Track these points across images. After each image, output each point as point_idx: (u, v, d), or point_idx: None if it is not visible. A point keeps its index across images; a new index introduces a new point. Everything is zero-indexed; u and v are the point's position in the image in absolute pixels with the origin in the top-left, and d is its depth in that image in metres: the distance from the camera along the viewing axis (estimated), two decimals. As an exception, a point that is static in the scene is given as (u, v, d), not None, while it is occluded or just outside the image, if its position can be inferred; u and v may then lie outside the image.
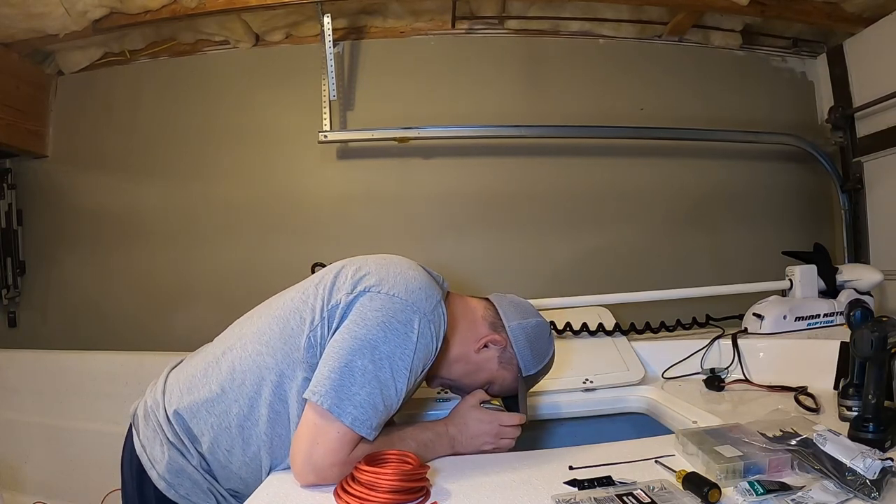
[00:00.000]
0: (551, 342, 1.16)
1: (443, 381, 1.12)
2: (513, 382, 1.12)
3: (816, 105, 2.47)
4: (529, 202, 2.34)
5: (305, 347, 0.96)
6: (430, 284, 1.01)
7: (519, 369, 1.10)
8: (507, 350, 1.10)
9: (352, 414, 0.88)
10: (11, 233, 2.33)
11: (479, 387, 1.11)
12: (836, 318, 1.65)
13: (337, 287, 0.99)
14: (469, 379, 1.10)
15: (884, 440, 0.91)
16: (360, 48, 2.34)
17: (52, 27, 1.99)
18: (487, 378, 1.10)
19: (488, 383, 1.11)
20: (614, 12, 2.30)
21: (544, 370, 1.15)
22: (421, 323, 0.94)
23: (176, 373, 1.08)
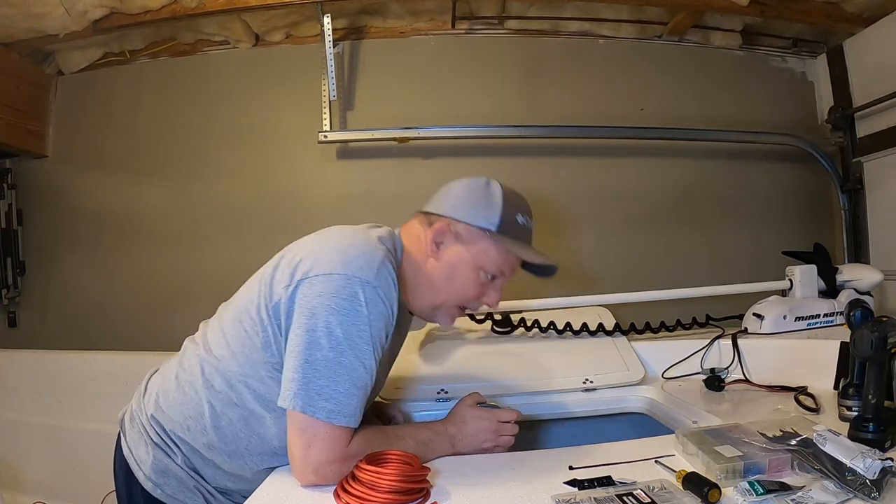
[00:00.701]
0: (491, 187, 1.07)
1: (449, 311, 1.07)
2: (499, 252, 1.03)
3: (816, 105, 2.47)
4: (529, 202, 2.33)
5: (262, 348, 0.96)
6: (369, 246, 0.96)
7: (483, 230, 1.02)
8: (453, 227, 1.03)
9: (325, 408, 0.87)
10: (11, 233, 2.33)
11: (478, 284, 1.04)
12: (836, 318, 1.65)
13: (276, 281, 0.96)
14: (460, 284, 1.04)
15: (884, 440, 0.91)
16: (360, 48, 2.34)
17: (52, 27, 1.99)
18: (471, 268, 1.03)
19: (481, 271, 1.03)
20: (614, 12, 2.30)
21: (511, 211, 1.05)
22: (366, 292, 0.90)
23: (154, 377, 1.11)
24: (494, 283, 1.06)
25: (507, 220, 1.04)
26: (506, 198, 1.05)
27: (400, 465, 0.87)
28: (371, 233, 1.02)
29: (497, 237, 1.02)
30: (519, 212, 1.05)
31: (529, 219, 1.07)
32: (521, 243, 1.05)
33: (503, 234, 1.03)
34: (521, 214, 1.06)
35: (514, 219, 1.05)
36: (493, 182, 1.08)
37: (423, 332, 1.63)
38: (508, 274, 1.07)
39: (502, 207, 1.04)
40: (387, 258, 0.95)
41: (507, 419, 1.08)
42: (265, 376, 0.96)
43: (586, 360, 1.54)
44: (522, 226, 1.06)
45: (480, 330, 1.65)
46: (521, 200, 1.08)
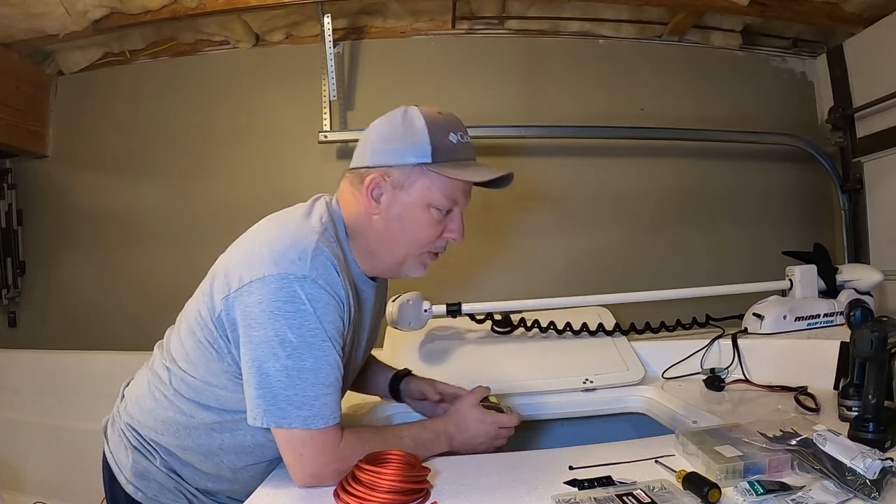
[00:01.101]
0: (409, 115, 0.98)
1: (416, 261, 1.00)
2: (442, 183, 0.94)
3: (816, 105, 2.47)
4: (529, 202, 2.34)
5: (218, 359, 0.93)
6: (297, 236, 0.89)
7: (418, 166, 0.94)
8: (387, 176, 0.95)
9: (300, 416, 0.84)
10: (11, 233, 2.33)
11: (434, 223, 0.96)
12: (836, 318, 1.65)
13: (216, 291, 0.92)
14: (415, 231, 0.96)
15: (884, 440, 0.91)
16: (360, 48, 2.34)
17: (52, 27, 1.99)
18: (420, 210, 0.95)
19: (432, 209, 0.95)
20: (614, 12, 2.30)
21: (440, 134, 0.94)
22: (306, 288, 0.84)
23: (131, 383, 1.11)
24: (452, 216, 0.99)
25: (439, 145, 0.94)
26: (429, 122, 0.95)
27: (400, 466, 0.87)
28: (299, 216, 0.95)
29: (434, 168, 0.93)
30: (450, 131, 0.95)
31: (464, 134, 0.97)
32: (462, 164, 0.95)
33: (440, 162, 0.93)
34: (452, 133, 0.95)
35: (447, 141, 0.94)
36: (410, 109, 0.98)
37: (423, 332, 1.63)
38: (463, 201, 0.99)
39: (429, 134, 0.94)
40: (321, 241, 0.88)
41: (508, 425, 1.07)
42: (227, 384, 0.94)
43: (586, 360, 1.54)
44: (458, 144, 0.95)
45: (480, 330, 1.65)
46: (448, 118, 0.98)
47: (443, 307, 1.59)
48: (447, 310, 1.59)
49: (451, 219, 0.99)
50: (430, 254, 1.01)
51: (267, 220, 0.98)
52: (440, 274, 2.28)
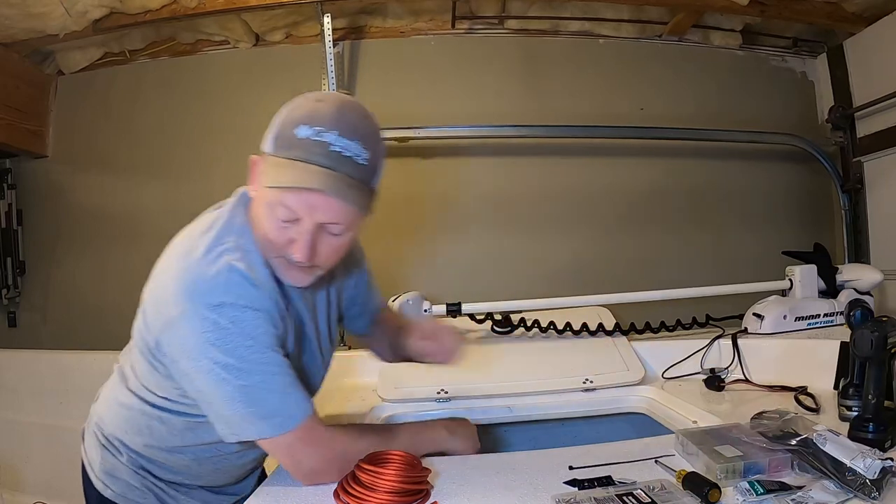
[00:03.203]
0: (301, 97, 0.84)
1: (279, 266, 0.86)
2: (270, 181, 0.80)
3: (817, 105, 2.47)
4: (529, 202, 2.34)
5: (165, 378, 0.89)
6: (205, 260, 0.82)
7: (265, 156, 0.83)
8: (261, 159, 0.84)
9: (273, 424, 0.83)
10: (11, 233, 2.33)
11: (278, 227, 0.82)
12: (836, 318, 1.65)
13: (149, 321, 0.87)
14: (264, 229, 0.84)
15: (884, 440, 0.91)
16: (360, 48, 2.33)
17: (52, 27, 1.99)
18: (263, 207, 0.83)
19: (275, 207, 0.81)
20: (614, 12, 2.30)
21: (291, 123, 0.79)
22: (224, 314, 0.79)
23: (105, 384, 1.11)
24: (298, 228, 0.81)
25: (281, 135, 0.79)
26: (293, 108, 0.81)
27: (400, 466, 0.87)
28: (204, 237, 0.86)
29: (269, 162, 0.80)
30: (304, 123, 0.77)
31: (324, 131, 0.76)
32: (291, 164, 0.77)
33: (276, 155, 0.80)
34: (306, 126, 0.77)
35: (291, 133, 0.78)
36: (311, 94, 0.84)
37: (423, 332, 1.63)
38: (304, 213, 0.79)
39: (280, 120, 0.81)
40: (227, 261, 0.81)
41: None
42: (179, 396, 0.92)
43: (586, 360, 1.54)
44: (305, 140, 0.76)
45: (480, 330, 1.65)
46: (316, 110, 0.78)
47: (443, 307, 1.59)
48: (447, 310, 1.59)
49: (298, 232, 0.81)
50: (289, 262, 0.84)
51: (177, 243, 0.89)
52: (440, 274, 2.30)
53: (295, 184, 0.76)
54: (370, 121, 0.84)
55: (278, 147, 0.79)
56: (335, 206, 0.79)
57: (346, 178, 0.78)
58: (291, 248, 0.81)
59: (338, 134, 0.77)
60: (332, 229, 0.83)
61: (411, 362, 1.23)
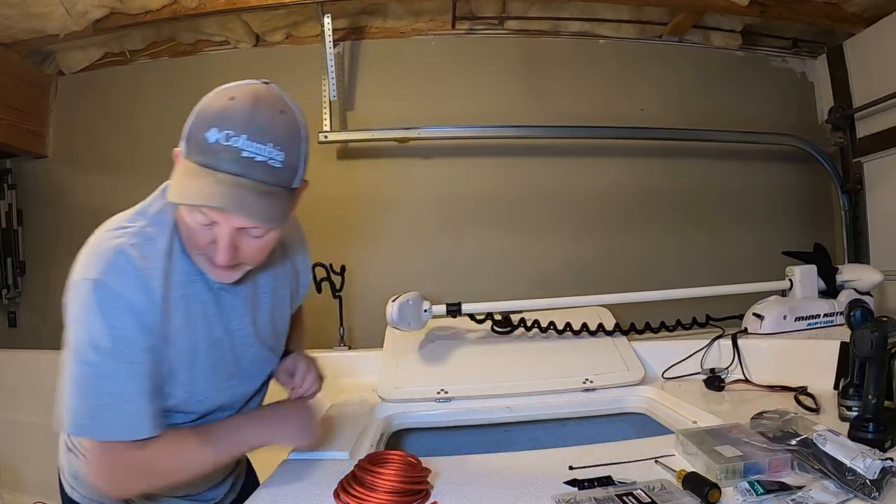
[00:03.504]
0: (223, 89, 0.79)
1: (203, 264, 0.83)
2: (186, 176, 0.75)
3: (816, 105, 2.47)
4: (529, 202, 2.34)
5: None
6: (106, 237, 0.82)
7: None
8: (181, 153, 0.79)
9: (81, 425, 0.78)
10: (11, 233, 2.33)
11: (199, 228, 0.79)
12: (836, 318, 1.65)
13: None
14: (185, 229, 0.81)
15: (884, 440, 0.91)
16: (360, 48, 2.34)
17: (53, 27, 1.99)
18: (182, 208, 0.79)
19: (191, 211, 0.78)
20: (614, 13, 2.30)
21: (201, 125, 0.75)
22: (97, 293, 0.77)
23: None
24: (218, 230, 0.78)
25: (192, 137, 0.75)
26: (205, 105, 0.76)
27: (400, 466, 0.87)
28: (127, 214, 0.86)
29: (182, 163, 0.77)
30: (214, 126, 0.73)
31: (234, 134, 0.72)
32: (200, 172, 0.73)
33: (188, 158, 0.76)
34: (217, 129, 0.72)
35: (201, 136, 0.74)
36: (227, 86, 0.78)
37: (423, 332, 1.63)
38: (218, 218, 0.77)
39: (192, 121, 0.76)
40: (126, 242, 0.80)
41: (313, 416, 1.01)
42: None
43: (586, 360, 1.54)
44: (214, 145, 0.72)
45: (480, 330, 1.65)
46: (228, 108, 0.74)
47: (443, 307, 1.59)
48: (447, 310, 1.59)
49: (218, 234, 0.78)
50: (213, 261, 0.81)
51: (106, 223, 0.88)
52: (440, 274, 2.30)
53: (200, 202, 0.73)
54: (287, 116, 0.77)
55: (190, 150, 0.76)
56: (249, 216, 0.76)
57: (260, 185, 0.74)
58: (213, 249, 0.79)
59: (247, 138, 0.73)
60: (253, 232, 0.80)
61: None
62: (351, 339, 2.03)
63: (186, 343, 0.85)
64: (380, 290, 1.72)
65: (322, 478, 0.93)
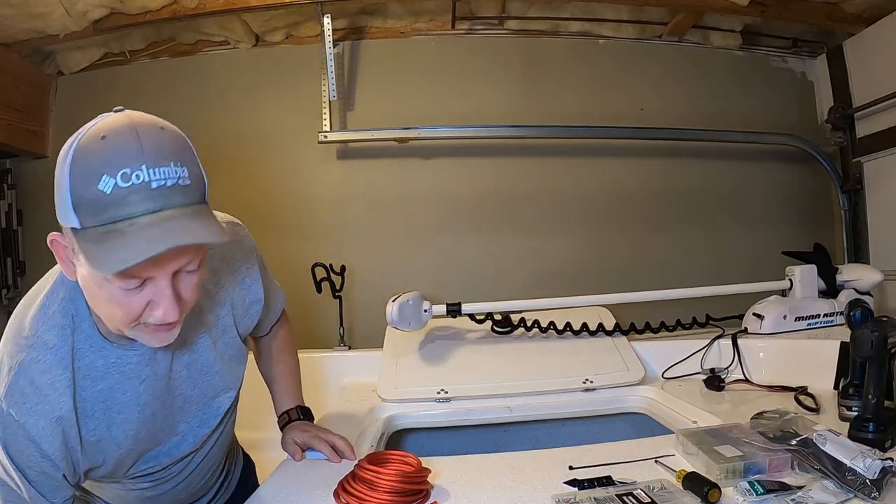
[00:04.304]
0: (70, 145, 0.68)
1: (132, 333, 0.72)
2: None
3: (816, 105, 2.47)
4: (529, 202, 2.34)
5: None
6: (5, 351, 0.75)
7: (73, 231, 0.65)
8: (64, 234, 0.68)
9: None
10: (11, 233, 2.33)
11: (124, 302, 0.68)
12: (836, 318, 1.65)
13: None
14: (105, 307, 0.70)
15: (884, 440, 0.91)
16: (360, 48, 2.34)
17: (53, 27, 1.99)
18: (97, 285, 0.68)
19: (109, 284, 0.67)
20: (614, 13, 2.30)
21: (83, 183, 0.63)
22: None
23: None
24: (153, 288, 0.69)
25: (80, 201, 0.63)
26: (78, 156, 0.64)
27: (400, 466, 0.87)
28: (26, 316, 0.76)
29: (84, 240, 0.64)
30: (104, 172, 0.62)
31: (131, 171, 0.62)
32: (112, 234, 0.62)
33: (87, 228, 0.63)
34: (107, 175, 0.62)
35: (94, 191, 0.62)
36: (74, 143, 0.68)
37: (423, 332, 1.63)
38: (153, 272, 0.67)
39: (70, 184, 0.63)
40: (27, 357, 0.73)
41: None
42: None
43: (586, 360, 1.54)
44: (112, 195, 0.62)
45: (480, 330, 1.65)
46: (109, 148, 0.64)
47: (443, 307, 1.59)
48: (447, 310, 1.59)
49: (154, 292, 0.68)
50: (151, 326, 0.71)
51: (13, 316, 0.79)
52: (440, 274, 2.30)
53: (142, 257, 0.61)
54: (167, 130, 0.71)
55: (86, 217, 0.63)
56: (186, 249, 0.67)
57: (184, 209, 0.66)
58: (153, 312, 0.69)
59: (148, 167, 0.63)
60: (189, 268, 0.71)
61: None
62: (351, 339, 2.03)
63: (113, 441, 0.81)
64: (380, 290, 1.72)
65: (322, 478, 0.93)
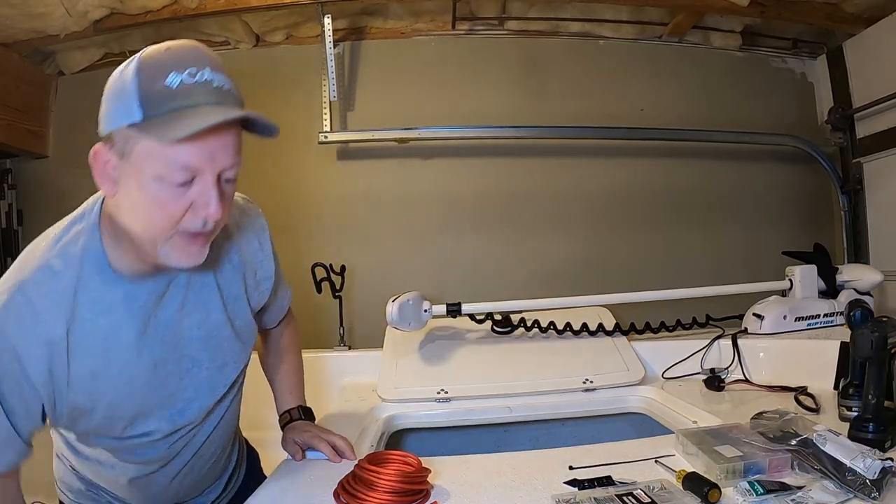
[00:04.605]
0: (129, 66, 0.72)
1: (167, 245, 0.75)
2: (161, 146, 0.69)
3: (816, 106, 2.47)
4: (529, 202, 2.34)
5: None
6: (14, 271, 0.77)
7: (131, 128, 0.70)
8: (110, 145, 0.72)
9: None
10: (11, 233, 2.33)
11: (173, 199, 0.72)
12: (836, 319, 1.65)
13: None
14: (150, 209, 0.73)
15: (884, 440, 0.91)
16: (360, 49, 2.34)
17: (53, 27, 1.99)
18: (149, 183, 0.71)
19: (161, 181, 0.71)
20: (614, 13, 2.30)
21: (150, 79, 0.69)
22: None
23: None
24: (202, 185, 0.73)
25: (149, 94, 0.69)
26: (143, 64, 0.70)
27: (400, 466, 0.87)
28: (41, 243, 0.79)
29: (147, 128, 0.69)
30: (170, 70, 0.69)
31: (198, 69, 0.70)
32: (183, 114, 0.68)
33: (153, 117, 0.69)
34: (175, 72, 0.69)
35: (161, 86, 0.69)
36: (136, 56, 0.73)
37: (423, 332, 1.63)
38: (205, 164, 0.72)
39: (137, 82, 0.69)
40: (28, 278, 0.75)
41: None
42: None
43: (586, 360, 1.54)
44: (181, 87, 0.69)
45: (480, 330, 1.65)
46: (176, 52, 0.72)
47: (443, 307, 1.59)
48: (447, 310, 1.59)
49: (200, 192, 0.73)
50: (187, 235, 0.75)
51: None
52: (440, 274, 2.30)
53: (200, 127, 0.66)
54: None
55: (151, 108, 0.68)
56: (231, 146, 0.75)
57: (236, 110, 0.73)
58: (196, 213, 0.73)
59: (210, 70, 0.71)
60: (228, 174, 0.76)
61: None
62: (351, 339, 2.03)
63: (110, 381, 0.80)
64: (380, 290, 1.72)
65: (322, 478, 0.93)
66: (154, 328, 0.83)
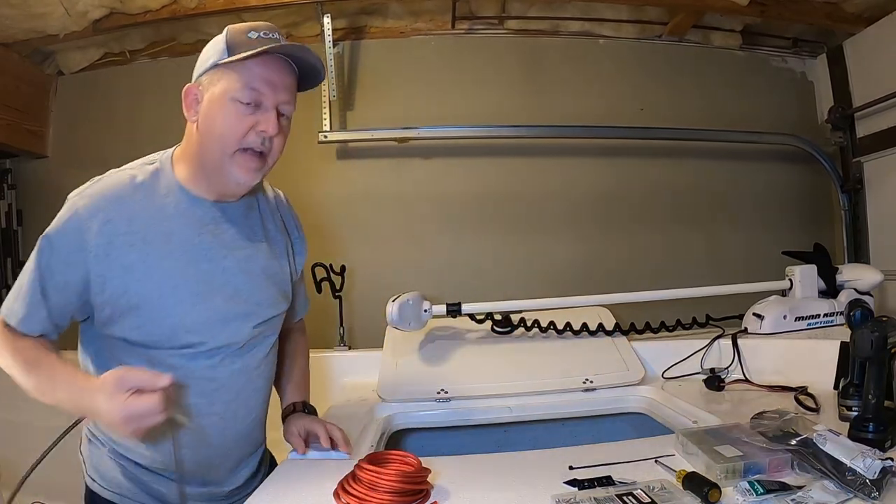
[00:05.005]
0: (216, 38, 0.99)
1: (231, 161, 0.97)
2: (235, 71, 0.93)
3: (816, 105, 2.47)
4: (529, 202, 2.34)
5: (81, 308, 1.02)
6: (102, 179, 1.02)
7: (216, 66, 0.95)
8: (199, 83, 0.98)
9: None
10: (11, 233, 2.33)
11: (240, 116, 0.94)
12: (836, 318, 1.65)
13: None
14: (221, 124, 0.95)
15: (884, 440, 0.91)
16: (360, 48, 2.34)
17: (53, 27, 1.99)
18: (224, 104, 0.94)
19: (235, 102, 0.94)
20: (614, 12, 2.30)
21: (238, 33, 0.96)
22: (66, 207, 0.99)
23: None
24: (263, 110, 0.96)
25: (235, 42, 0.95)
26: (232, 28, 0.98)
27: (400, 466, 0.87)
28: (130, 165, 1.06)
29: (228, 64, 0.94)
30: (250, 30, 0.96)
31: (269, 31, 0.96)
32: (252, 50, 0.93)
33: (234, 54, 0.93)
34: (253, 31, 0.95)
35: (244, 38, 0.95)
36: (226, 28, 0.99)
37: (423, 332, 1.63)
38: (267, 90, 0.95)
39: (226, 37, 0.96)
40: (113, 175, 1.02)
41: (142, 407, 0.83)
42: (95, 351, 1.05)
43: (586, 360, 1.54)
44: (257, 39, 0.95)
45: (480, 330, 1.65)
46: (258, 24, 0.98)
47: (443, 307, 1.59)
48: (447, 310, 1.59)
49: (262, 112, 0.96)
50: (249, 153, 0.97)
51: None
52: (440, 274, 2.30)
53: (268, 45, 0.92)
54: None
55: (234, 49, 0.93)
56: (289, 88, 0.98)
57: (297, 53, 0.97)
58: (257, 127, 0.95)
59: (281, 38, 0.97)
60: (285, 109, 0.98)
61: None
62: (351, 339, 2.03)
63: (160, 276, 0.93)
64: (380, 290, 1.72)
65: (322, 478, 0.93)
66: (206, 244, 0.98)
